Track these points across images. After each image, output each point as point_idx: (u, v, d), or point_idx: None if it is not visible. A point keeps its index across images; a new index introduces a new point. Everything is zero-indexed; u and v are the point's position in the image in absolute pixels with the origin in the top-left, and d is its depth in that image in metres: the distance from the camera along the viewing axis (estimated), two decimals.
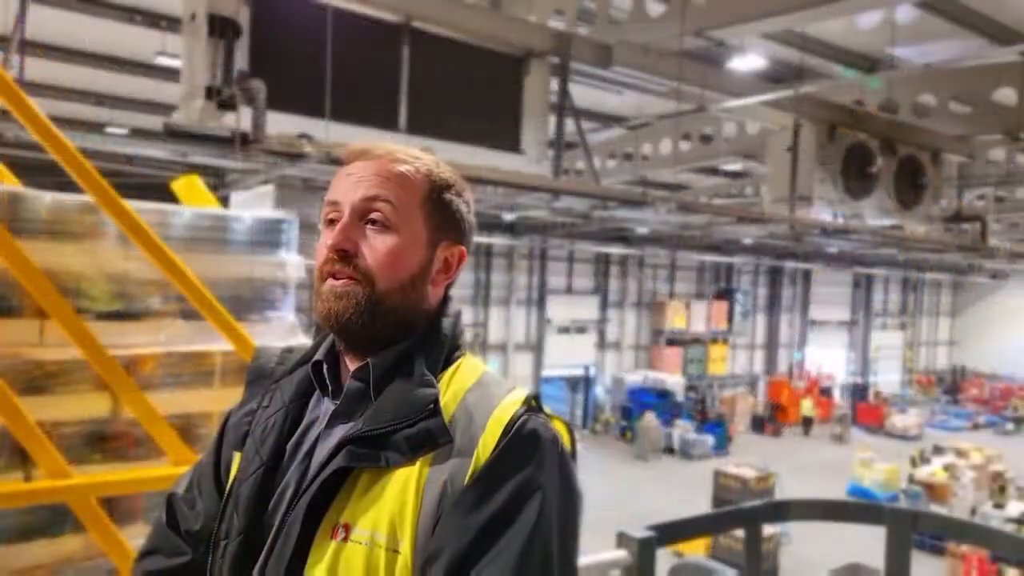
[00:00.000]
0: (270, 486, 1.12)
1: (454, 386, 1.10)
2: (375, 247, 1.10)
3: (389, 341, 1.11)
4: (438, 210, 1.15)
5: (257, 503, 1.11)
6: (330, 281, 1.10)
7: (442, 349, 1.13)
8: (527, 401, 1.07)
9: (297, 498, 1.06)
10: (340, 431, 1.09)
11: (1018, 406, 26.88)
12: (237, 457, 1.19)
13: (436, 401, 1.05)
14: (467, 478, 1.00)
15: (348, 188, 1.12)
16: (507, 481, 0.99)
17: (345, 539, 1.00)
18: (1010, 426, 25.91)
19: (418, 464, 1.01)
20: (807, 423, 24.78)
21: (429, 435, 1.02)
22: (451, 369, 1.13)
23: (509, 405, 1.05)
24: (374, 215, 1.10)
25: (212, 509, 1.20)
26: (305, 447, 1.13)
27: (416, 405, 1.04)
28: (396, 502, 1.00)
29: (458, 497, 0.99)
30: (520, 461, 1.01)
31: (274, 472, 1.13)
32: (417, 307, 1.13)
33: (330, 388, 1.16)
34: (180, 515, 1.25)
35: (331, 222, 1.13)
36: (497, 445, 1.01)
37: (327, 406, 1.15)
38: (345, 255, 1.09)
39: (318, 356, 1.18)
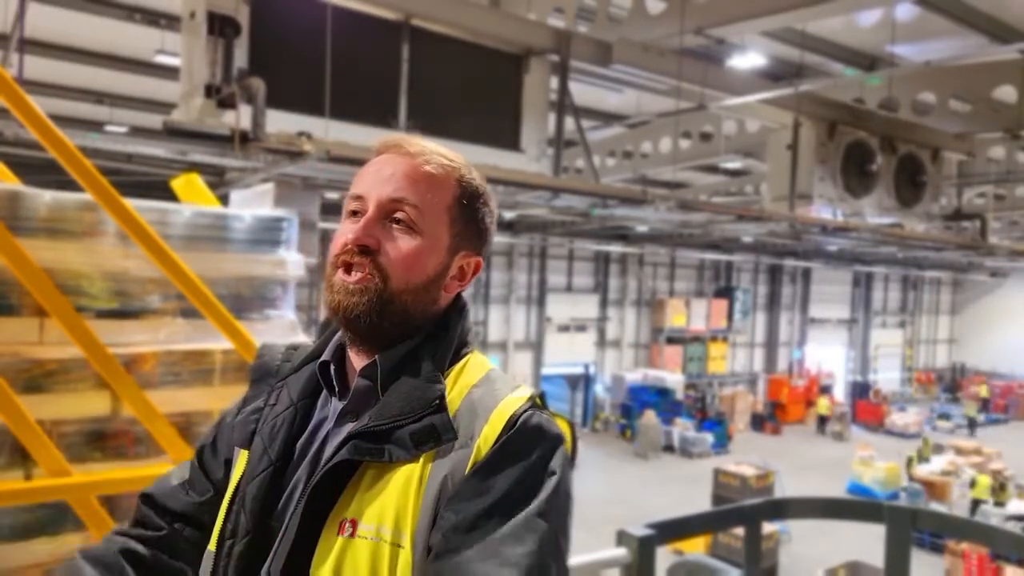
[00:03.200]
0: (278, 486, 1.11)
1: (460, 382, 1.09)
2: (398, 247, 1.08)
3: (395, 339, 1.11)
4: (463, 217, 1.14)
5: (264, 503, 1.09)
6: (341, 274, 1.09)
7: (450, 346, 1.12)
8: (532, 399, 1.07)
9: (304, 494, 1.05)
10: (348, 428, 1.08)
11: (968, 407, 26.87)
12: (243, 455, 1.17)
13: (442, 397, 1.05)
14: (467, 470, 0.99)
15: (376, 183, 1.10)
16: (506, 471, 0.98)
17: (352, 534, 0.99)
18: (948, 424, 25.86)
19: (422, 459, 1.01)
20: (823, 421, 24.85)
21: (433, 431, 1.02)
22: (458, 366, 1.12)
23: (513, 401, 1.05)
24: (399, 215, 1.09)
25: (204, 492, 1.22)
26: (315, 446, 1.12)
27: (422, 401, 1.04)
28: (400, 497, 1.00)
29: (458, 488, 0.99)
30: (522, 452, 1.00)
31: (282, 472, 1.11)
32: (427, 310, 1.13)
33: (337, 388, 1.15)
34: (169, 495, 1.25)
35: (354, 213, 1.11)
36: (499, 439, 1.01)
37: (336, 405, 1.15)
38: (366, 250, 1.08)
39: (325, 356, 1.17)
